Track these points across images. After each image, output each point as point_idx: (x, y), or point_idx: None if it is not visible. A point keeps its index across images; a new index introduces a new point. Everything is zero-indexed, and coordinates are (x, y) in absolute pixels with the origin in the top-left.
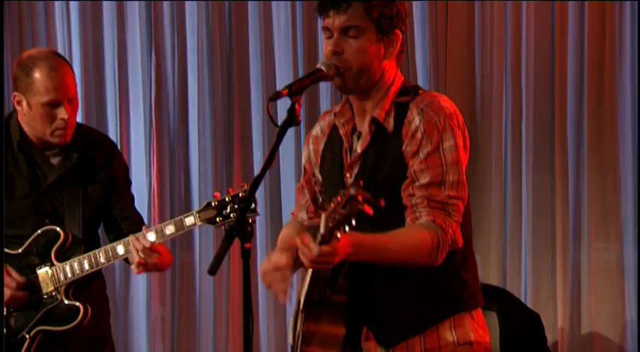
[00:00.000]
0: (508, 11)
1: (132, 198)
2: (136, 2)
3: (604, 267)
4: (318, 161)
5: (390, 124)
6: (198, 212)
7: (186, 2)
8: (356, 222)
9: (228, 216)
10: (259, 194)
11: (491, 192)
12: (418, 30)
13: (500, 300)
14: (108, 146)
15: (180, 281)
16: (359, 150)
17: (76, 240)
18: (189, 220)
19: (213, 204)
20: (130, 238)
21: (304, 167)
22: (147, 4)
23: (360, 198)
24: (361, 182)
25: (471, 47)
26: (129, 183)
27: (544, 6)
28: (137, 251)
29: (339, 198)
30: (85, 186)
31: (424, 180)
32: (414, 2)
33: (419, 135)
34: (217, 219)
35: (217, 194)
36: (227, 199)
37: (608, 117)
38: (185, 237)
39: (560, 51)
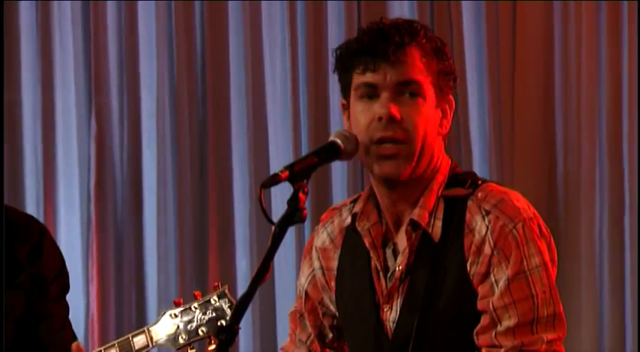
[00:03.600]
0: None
1: (65, 312)
2: (71, 49)
3: None
4: (332, 285)
5: (437, 230)
6: (152, 327)
7: (140, 47)
8: None
9: (195, 332)
10: (247, 318)
11: (580, 320)
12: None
13: None
14: (34, 234)
15: None
16: (398, 270)
17: None
18: (139, 340)
19: (173, 314)
20: None
21: (305, 291)
22: (85, 53)
23: None
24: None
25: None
26: (65, 288)
27: None
28: None
29: None
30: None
31: (509, 321)
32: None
33: (487, 250)
34: (180, 338)
35: (179, 300)
36: (193, 307)
37: None
38: None
39: None
